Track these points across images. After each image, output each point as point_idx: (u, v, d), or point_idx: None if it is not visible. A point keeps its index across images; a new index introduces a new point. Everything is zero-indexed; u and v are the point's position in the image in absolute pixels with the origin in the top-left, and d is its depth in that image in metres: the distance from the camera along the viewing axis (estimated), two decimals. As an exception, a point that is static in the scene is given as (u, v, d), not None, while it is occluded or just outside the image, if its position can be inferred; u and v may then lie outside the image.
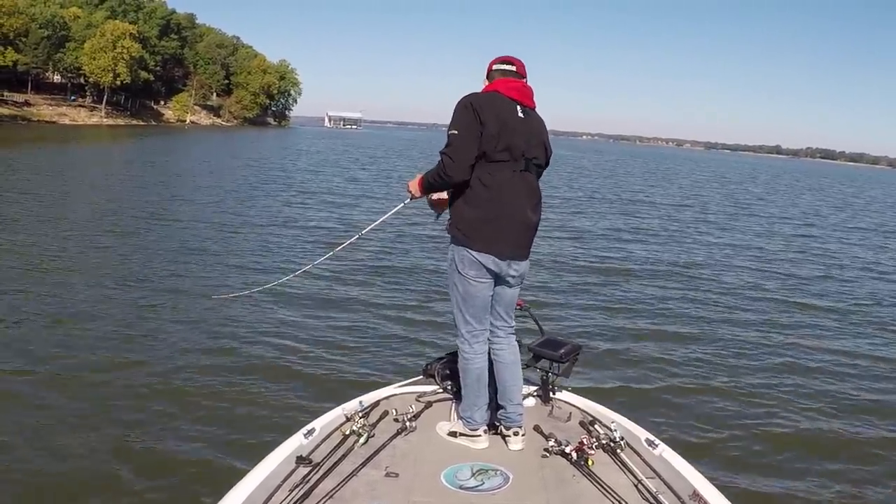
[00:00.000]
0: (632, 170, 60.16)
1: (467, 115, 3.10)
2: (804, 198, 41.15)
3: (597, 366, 7.40)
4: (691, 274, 13.27)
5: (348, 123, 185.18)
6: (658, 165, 76.85)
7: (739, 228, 21.72)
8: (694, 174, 61.96)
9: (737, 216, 25.28)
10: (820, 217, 28.34)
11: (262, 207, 18.72)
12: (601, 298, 10.71)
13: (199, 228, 14.65)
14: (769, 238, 19.93)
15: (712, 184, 47.97)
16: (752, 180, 59.49)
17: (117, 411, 5.73)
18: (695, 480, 2.82)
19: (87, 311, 8.30)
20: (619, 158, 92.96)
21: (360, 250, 12.22)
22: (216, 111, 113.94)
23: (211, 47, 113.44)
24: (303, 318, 8.56)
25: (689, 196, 33.60)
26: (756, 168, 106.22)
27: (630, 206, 26.11)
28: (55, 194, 18.67)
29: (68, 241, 12.44)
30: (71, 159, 33.38)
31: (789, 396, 7.08)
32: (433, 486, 2.87)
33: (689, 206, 28.08)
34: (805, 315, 10.64)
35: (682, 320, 9.77)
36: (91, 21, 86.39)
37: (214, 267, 11.13)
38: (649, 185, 39.87)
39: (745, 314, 10.37)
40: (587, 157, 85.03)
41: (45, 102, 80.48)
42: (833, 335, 9.61)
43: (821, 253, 17.86)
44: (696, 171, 71.03)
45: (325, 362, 7.15)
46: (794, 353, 8.53)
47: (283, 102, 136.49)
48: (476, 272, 3.21)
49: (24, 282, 9.43)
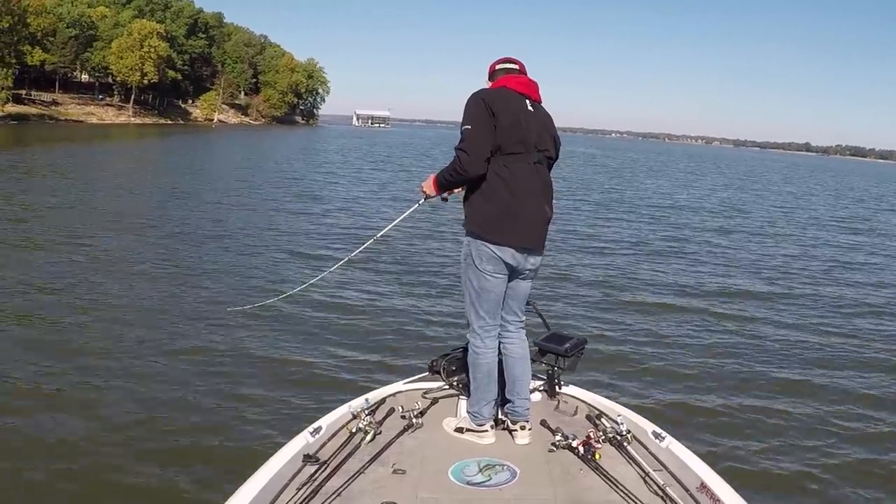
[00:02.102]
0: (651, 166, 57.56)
1: (479, 109, 3.08)
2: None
3: (602, 360, 7.32)
4: (699, 268, 13.03)
5: (376, 122, 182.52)
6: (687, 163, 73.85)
7: (741, 223, 21.51)
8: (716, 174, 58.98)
9: (776, 221, 23.08)
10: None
11: (275, 213, 17.87)
12: (606, 292, 10.57)
13: (217, 236, 13.98)
14: (770, 235, 19.47)
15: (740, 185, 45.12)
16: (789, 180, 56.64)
17: (124, 409, 5.73)
18: (702, 472, 2.77)
19: (97, 312, 8.28)
20: (646, 157, 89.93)
21: (366, 251, 11.98)
22: (244, 110, 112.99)
23: (239, 46, 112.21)
24: (306, 320, 8.44)
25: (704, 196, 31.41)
26: (795, 166, 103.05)
27: (636, 202, 25.48)
28: (66, 195, 18.19)
29: (76, 245, 12.14)
30: (90, 159, 32.73)
31: (798, 389, 6.96)
32: (440, 483, 2.84)
33: (686, 205, 25.90)
34: (813, 309, 10.45)
35: (687, 313, 9.60)
36: (118, 20, 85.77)
37: (231, 276, 10.68)
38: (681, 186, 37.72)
39: (750, 307, 10.17)
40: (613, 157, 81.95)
41: (72, 101, 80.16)
42: (845, 329, 9.40)
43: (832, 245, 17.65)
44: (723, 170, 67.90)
45: (331, 360, 7.13)
46: (803, 347, 8.38)
47: (312, 101, 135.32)
48: (493, 267, 3.16)
49: (23, 283, 9.35)
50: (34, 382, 6.22)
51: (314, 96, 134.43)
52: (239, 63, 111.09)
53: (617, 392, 5.36)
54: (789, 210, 27.71)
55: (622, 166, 56.98)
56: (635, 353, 7.74)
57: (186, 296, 9.31)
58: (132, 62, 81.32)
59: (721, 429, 5.93)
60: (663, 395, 6.56)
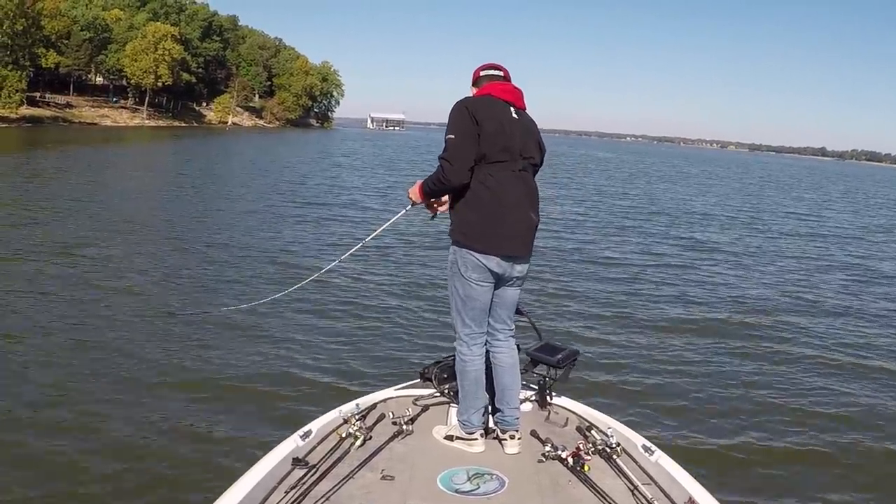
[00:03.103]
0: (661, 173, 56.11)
1: (463, 118, 3.05)
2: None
3: (594, 371, 7.30)
4: (697, 282, 12.64)
5: (391, 125, 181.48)
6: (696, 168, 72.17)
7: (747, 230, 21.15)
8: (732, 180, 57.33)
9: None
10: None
11: (274, 217, 17.59)
12: (599, 304, 10.42)
13: (210, 239, 13.75)
14: (772, 239, 19.28)
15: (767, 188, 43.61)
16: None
17: (111, 409, 5.67)
18: (691, 487, 2.76)
19: (89, 314, 8.23)
20: (663, 161, 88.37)
21: (357, 257, 11.57)
22: (258, 113, 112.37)
23: (253, 49, 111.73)
24: (300, 323, 8.39)
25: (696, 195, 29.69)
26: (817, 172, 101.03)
27: (639, 212, 24.80)
28: (67, 198, 17.85)
29: (78, 245, 12.06)
30: (100, 161, 32.33)
31: (790, 405, 6.87)
32: (429, 490, 2.83)
33: (695, 213, 24.48)
34: (807, 321, 10.27)
35: (680, 327, 9.42)
36: (133, 23, 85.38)
37: (222, 277, 10.58)
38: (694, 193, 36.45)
39: (747, 323, 9.90)
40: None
41: (87, 104, 79.66)
42: (836, 342, 9.20)
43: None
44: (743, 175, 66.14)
45: (322, 365, 7.06)
46: (796, 362, 8.24)
47: (326, 104, 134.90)
48: (479, 275, 3.14)
49: (22, 288, 9.22)
50: (31, 379, 6.25)
51: (329, 99, 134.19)
52: (253, 66, 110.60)
53: (608, 404, 5.39)
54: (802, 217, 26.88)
55: (637, 172, 55.67)
56: (628, 365, 7.64)
57: (175, 296, 9.32)
58: (146, 65, 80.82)
59: (711, 444, 5.87)
60: (654, 409, 6.49)
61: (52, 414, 5.58)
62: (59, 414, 5.59)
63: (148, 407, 5.76)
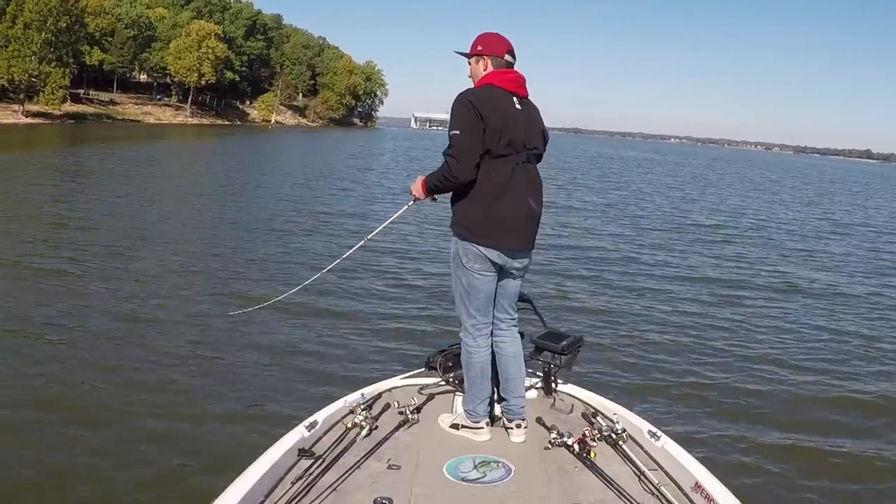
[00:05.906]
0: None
1: (467, 113, 2.95)
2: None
3: (599, 358, 7.04)
4: (704, 269, 12.47)
5: (434, 124, 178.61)
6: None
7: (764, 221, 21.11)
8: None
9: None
10: None
11: (286, 214, 16.92)
12: (604, 291, 10.24)
13: (225, 237, 13.30)
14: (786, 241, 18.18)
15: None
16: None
17: (120, 400, 5.55)
18: (697, 472, 2.72)
19: (98, 309, 7.90)
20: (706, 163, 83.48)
21: (363, 250, 10.41)
22: (302, 111, 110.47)
23: (297, 48, 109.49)
24: (306, 314, 8.11)
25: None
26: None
27: (638, 201, 25.10)
28: (114, 195, 17.67)
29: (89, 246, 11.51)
30: (139, 158, 31.47)
31: (793, 390, 6.65)
32: (435, 479, 2.77)
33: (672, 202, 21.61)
34: (804, 307, 10.00)
35: (685, 312, 9.21)
36: (177, 21, 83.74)
37: (232, 279, 9.96)
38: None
39: (747, 305, 9.79)
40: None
41: (130, 101, 78.46)
42: (859, 333, 8.82)
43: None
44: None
45: (327, 355, 6.90)
46: (808, 353, 7.88)
47: (370, 103, 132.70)
48: (481, 265, 3.07)
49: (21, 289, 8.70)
50: (45, 370, 6.00)
51: (372, 98, 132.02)
52: (297, 65, 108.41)
53: (613, 391, 5.33)
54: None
55: (698, 176, 51.24)
56: (632, 352, 7.43)
57: (184, 294, 8.93)
58: (190, 63, 78.94)
59: (717, 429, 5.64)
60: (660, 395, 6.26)
61: (73, 401, 5.47)
62: (82, 400, 5.49)
63: (147, 402, 5.52)
